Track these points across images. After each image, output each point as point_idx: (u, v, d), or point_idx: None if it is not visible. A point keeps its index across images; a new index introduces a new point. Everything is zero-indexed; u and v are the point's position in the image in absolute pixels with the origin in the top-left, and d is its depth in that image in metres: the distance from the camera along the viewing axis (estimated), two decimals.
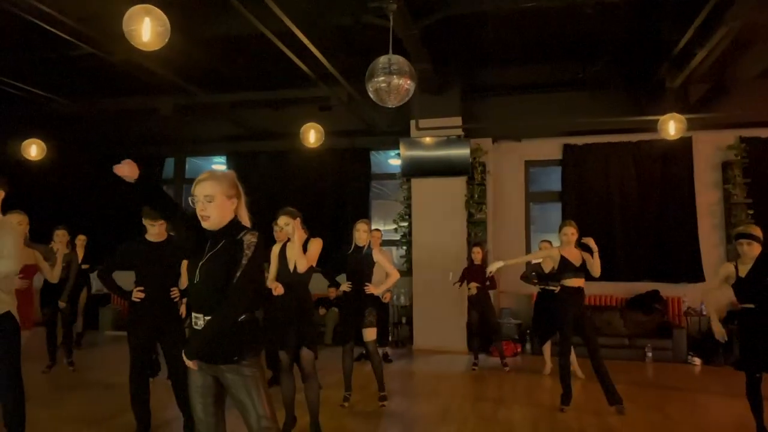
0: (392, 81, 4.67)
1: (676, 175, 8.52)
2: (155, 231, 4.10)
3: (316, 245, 4.20)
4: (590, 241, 5.06)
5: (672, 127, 6.65)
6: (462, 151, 8.29)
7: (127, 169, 2.39)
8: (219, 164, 10.78)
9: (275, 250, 4.27)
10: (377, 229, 6.92)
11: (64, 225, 6.62)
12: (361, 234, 5.01)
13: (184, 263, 3.67)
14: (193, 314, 2.44)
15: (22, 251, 3.71)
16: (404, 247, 8.83)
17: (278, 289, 4.14)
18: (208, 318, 2.37)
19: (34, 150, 8.02)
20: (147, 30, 3.86)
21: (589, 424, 4.74)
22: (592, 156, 8.86)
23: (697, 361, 7.42)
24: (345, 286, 5.10)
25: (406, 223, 8.89)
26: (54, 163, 9.68)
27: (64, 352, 6.73)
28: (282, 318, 4.14)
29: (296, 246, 4.11)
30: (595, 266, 5.08)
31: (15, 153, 8.38)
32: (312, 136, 7.08)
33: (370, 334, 5.02)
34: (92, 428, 4.46)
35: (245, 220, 2.54)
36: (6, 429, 3.51)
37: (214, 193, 2.39)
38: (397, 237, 9.11)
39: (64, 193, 10.81)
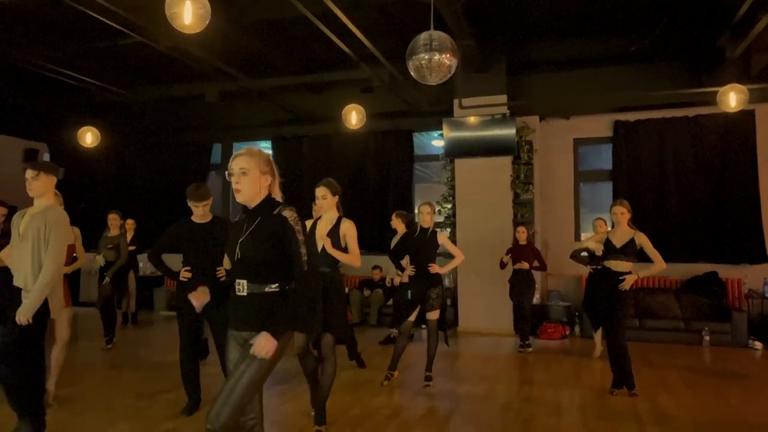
0: (433, 57, 4.55)
1: (737, 150, 8.04)
2: (200, 212, 4.18)
3: (352, 231, 3.93)
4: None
5: (733, 98, 6.25)
6: (508, 130, 8.08)
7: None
8: (265, 149, 10.91)
9: (307, 225, 4.14)
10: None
11: (116, 209, 6.90)
12: (425, 216, 5.11)
13: None
14: (237, 281, 2.49)
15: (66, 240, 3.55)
16: (448, 229, 8.73)
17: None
18: (254, 284, 2.43)
19: (89, 138, 8.32)
20: (188, 12, 3.91)
21: (642, 408, 4.59)
22: (645, 132, 8.48)
23: (759, 345, 7.10)
24: (409, 270, 5.11)
25: (449, 205, 8.79)
26: (107, 150, 10.08)
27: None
28: None
29: (324, 224, 3.91)
30: (655, 258, 4.82)
31: (71, 141, 8.75)
32: (354, 117, 7.06)
33: (433, 314, 5.14)
34: (145, 402, 4.63)
35: (279, 199, 2.59)
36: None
37: (249, 167, 2.46)
38: (441, 219, 9.02)
39: (116, 178, 11.25)
